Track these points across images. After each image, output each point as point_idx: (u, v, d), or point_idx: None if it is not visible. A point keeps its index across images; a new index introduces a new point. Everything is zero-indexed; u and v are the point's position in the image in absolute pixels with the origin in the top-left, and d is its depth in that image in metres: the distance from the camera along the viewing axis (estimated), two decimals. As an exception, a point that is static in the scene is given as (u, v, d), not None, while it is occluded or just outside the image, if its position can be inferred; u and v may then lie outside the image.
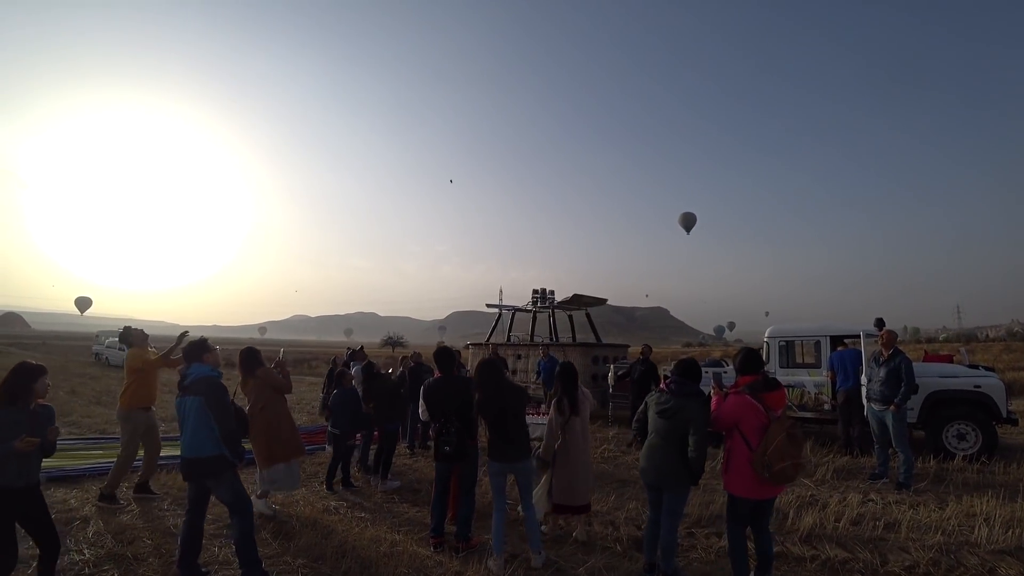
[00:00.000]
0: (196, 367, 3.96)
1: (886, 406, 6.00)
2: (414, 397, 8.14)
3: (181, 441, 3.88)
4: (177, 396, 3.94)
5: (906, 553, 4.15)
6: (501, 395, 4.17)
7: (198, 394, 3.81)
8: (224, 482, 3.83)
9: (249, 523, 3.82)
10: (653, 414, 3.75)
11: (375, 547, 4.27)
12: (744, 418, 3.48)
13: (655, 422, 3.73)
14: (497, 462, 4.14)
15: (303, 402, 14.05)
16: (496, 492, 4.18)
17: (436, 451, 4.37)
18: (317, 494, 5.87)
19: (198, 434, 3.76)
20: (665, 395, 3.70)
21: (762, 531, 3.64)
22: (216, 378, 3.95)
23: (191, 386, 3.85)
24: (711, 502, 5.32)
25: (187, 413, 3.81)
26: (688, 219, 63.21)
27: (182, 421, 3.87)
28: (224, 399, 3.92)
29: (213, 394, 3.84)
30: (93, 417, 10.75)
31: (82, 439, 8.47)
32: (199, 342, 4.20)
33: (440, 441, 4.31)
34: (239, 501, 3.84)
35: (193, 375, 3.90)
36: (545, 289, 14.45)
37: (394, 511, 5.39)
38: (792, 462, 3.33)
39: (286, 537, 4.55)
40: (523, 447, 4.18)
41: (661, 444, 3.67)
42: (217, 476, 3.82)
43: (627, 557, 4.21)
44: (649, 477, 3.75)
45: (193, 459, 3.79)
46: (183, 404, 3.86)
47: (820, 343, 8.35)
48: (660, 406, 3.69)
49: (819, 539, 4.46)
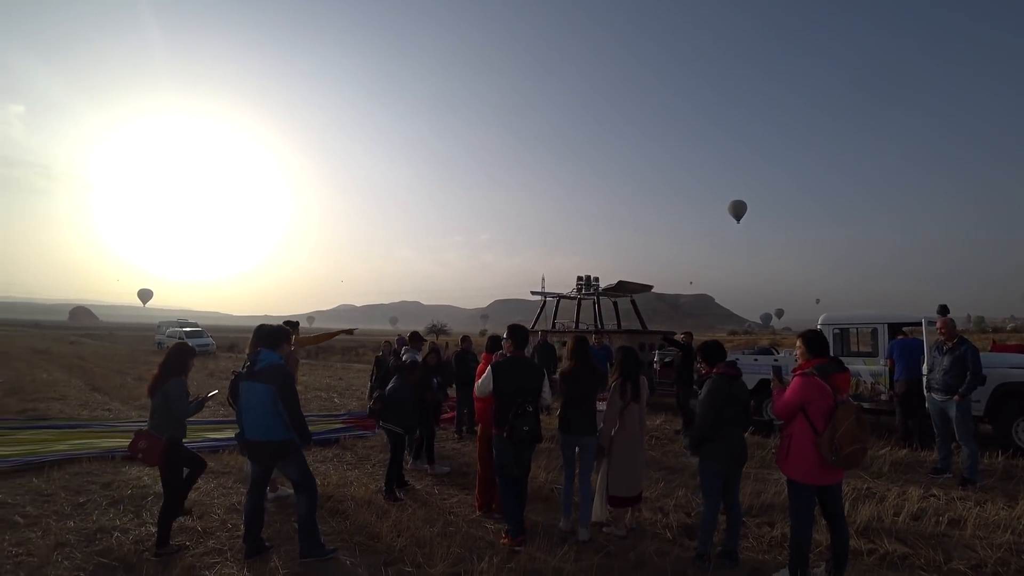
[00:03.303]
0: (267, 354, 4.01)
1: (949, 396, 5.74)
2: (460, 383, 8.29)
3: (242, 423, 3.96)
4: (240, 378, 4.00)
5: (972, 551, 3.99)
6: (591, 371, 4.47)
7: (269, 383, 3.85)
8: (292, 462, 4.00)
9: (314, 500, 3.99)
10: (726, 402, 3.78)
11: (428, 527, 4.42)
12: (812, 400, 3.39)
13: (726, 409, 3.77)
14: (567, 434, 4.46)
15: (352, 388, 14.50)
16: (566, 462, 4.55)
17: (512, 433, 4.07)
18: (370, 476, 6.07)
19: (267, 419, 3.86)
20: (724, 379, 3.81)
21: (837, 519, 3.54)
22: (285, 368, 4.02)
23: (260, 372, 3.90)
24: (762, 491, 5.25)
25: (252, 397, 3.88)
26: (738, 207, 61.81)
27: (243, 403, 3.93)
28: (294, 389, 4.00)
29: (285, 385, 3.90)
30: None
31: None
32: (284, 329, 4.26)
33: (519, 422, 4.07)
34: (306, 479, 4.01)
35: (264, 362, 3.94)
36: (589, 276, 14.37)
37: (444, 493, 5.54)
38: (860, 446, 3.26)
39: (343, 516, 4.75)
40: (592, 424, 4.44)
41: (739, 427, 3.85)
42: (286, 456, 3.98)
43: (677, 544, 4.21)
44: (739, 460, 3.85)
45: (264, 442, 3.90)
46: (247, 388, 3.92)
47: (877, 331, 8.03)
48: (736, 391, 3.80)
49: (876, 533, 4.33)
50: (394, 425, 5.46)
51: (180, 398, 4.14)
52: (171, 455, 4.13)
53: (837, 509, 3.54)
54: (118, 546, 4.02)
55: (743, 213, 61.81)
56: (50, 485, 5.43)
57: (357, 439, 7.92)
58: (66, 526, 4.39)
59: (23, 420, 8.78)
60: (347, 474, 6.12)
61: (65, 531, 4.29)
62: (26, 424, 8.38)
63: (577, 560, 3.85)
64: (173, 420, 4.11)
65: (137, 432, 4.15)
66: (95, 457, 6.39)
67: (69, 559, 3.83)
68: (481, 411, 4.85)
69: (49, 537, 4.14)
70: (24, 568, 3.70)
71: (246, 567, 3.74)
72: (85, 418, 9.24)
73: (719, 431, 3.76)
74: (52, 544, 4.02)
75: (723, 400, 3.76)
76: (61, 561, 3.79)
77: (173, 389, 4.11)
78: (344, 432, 8.25)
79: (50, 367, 18.25)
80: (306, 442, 4.07)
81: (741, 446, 3.86)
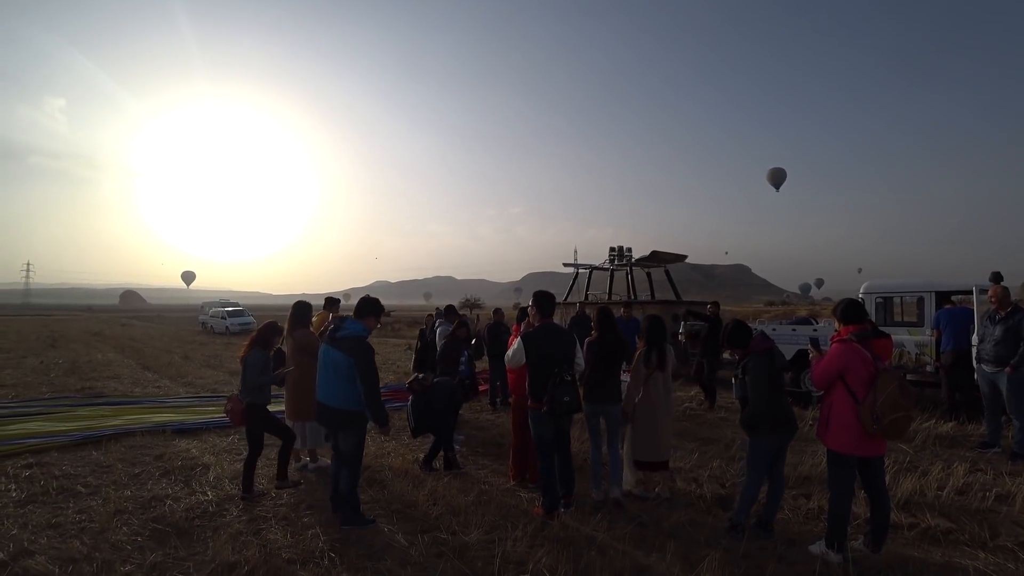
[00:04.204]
0: (353, 323, 4.04)
1: (1000, 368, 5.50)
2: (493, 355, 8.35)
3: (320, 386, 4.05)
4: (324, 342, 4.11)
5: (1021, 528, 3.86)
6: (615, 341, 4.50)
7: (350, 354, 3.88)
8: (354, 435, 4.07)
9: (357, 476, 4.12)
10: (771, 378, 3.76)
11: (463, 496, 4.52)
12: (851, 367, 3.27)
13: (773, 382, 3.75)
14: (592, 403, 4.48)
15: (388, 362, 14.88)
16: (592, 431, 4.60)
17: (553, 405, 3.92)
18: (407, 447, 6.22)
19: (341, 387, 3.94)
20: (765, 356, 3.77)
21: (879, 492, 3.43)
22: (366, 340, 4.02)
23: (343, 341, 3.93)
24: (798, 463, 5.17)
25: (332, 365, 3.95)
26: (777, 175, 59.97)
27: (321, 365, 4.04)
28: (373, 364, 3.98)
29: (364, 359, 3.91)
30: (205, 379, 11.85)
31: (198, 397, 9.44)
32: (375, 303, 4.30)
33: (559, 393, 3.92)
34: (356, 456, 4.09)
35: (348, 330, 3.98)
36: (623, 247, 14.14)
37: (478, 464, 5.64)
38: (904, 413, 3.12)
39: (380, 486, 4.89)
40: (617, 392, 4.51)
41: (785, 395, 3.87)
42: (350, 428, 4.05)
43: (711, 514, 4.21)
44: (791, 430, 3.79)
45: (337, 409, 3.97)
46: (326, 352, 4.00)
47: (924, 299, 7.71)
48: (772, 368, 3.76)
49: (919, 507, 4.22)
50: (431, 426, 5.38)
51: (254, 368, 4.56)
52: (252, 417, 4.57)
53: (879, 483, 3.43)
54: (171, 513, 4.24)
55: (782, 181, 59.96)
56: (108, 457, 5.75)
57: (393, 412, 8.10)
58: (123, 495, 4.65)
59: (82, 397, 9.29)
60: (385, 445, 6.29)
61: (123, 499, 4.54)
62: (85, 401, 8.85)
63: (610, 529, 3.89)
64: (249, 387, 4.54)
65: (229, 396, 4.79)
66: (148, 431, 6.72)
67: (127, 525, 4.05)
68: (514, 382, 4.88)
69: (109, 505, 4.38)
70: (87, 533, 3.93)
71: (290, 532, 3.90)
72: (138, 395, 9.71)
73: (772, 407, 3.72)
74: (112, 511, 4.26)
75: (769, 376, 3.72)
76: (120, 527, 4.01)
77: (251, 359, 4.59)
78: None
79: (104, 348, 19.18)
80: (382, 424, 4.03)
81: (791, 417, 3.80)
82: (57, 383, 10.91)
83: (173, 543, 3.76)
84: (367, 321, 4.15)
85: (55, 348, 18.88)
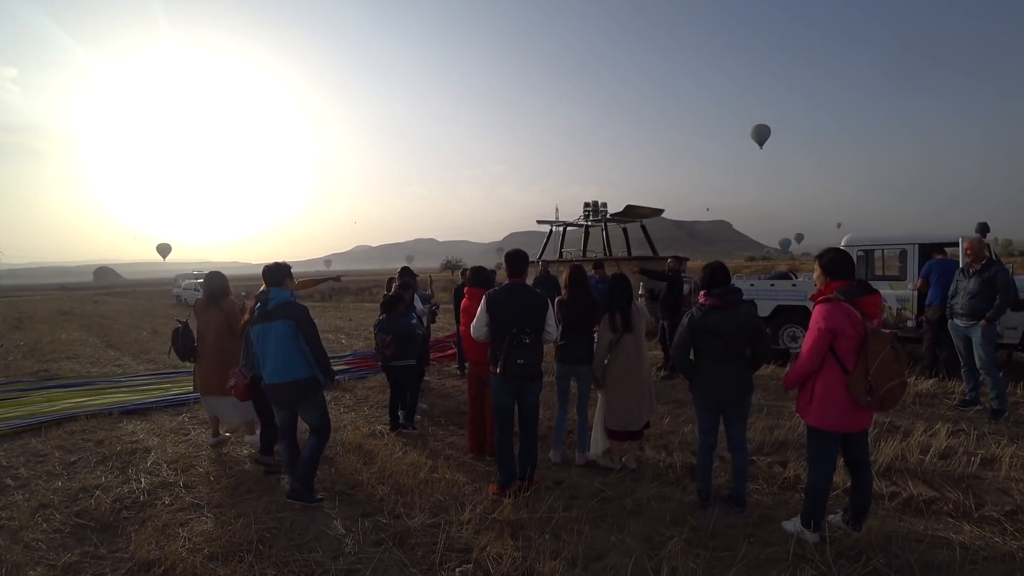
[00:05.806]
0: (277, 291, 3.91)
1: (974, 322, 5.27)
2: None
3: (262, 368, 3.88)
4: (252, 323, 3.90)
5: (1007, 496, 3.59)
6: (586, 301, 4.26)
7: (288, 318, 3.77)
8: (315, 405, 3.93)
9: (324, 442, 3.98)
10: (705, 335, 3.39)
11: (413, 473, 4.20)
12: (840, 331, 2.79)
13: (712, 342, 3.37)
14: (563, 364, 4.32)
15: (360, 328, 14.54)
16: (560, 393, 4.45)
17: (505, 367, 3.62)
18: (365, 419, 5.90)
19: (289, 357, 3.77)
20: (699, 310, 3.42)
21: (862, 466, 3.06)
22: (299, 303, 3.91)
23: (275, 311, 3.80)
24: (775, 427, 4.92)
25: (269, 338, 3.78)
26: (761, 132, 59.69)
27: (261, 348, 3.84)
28: (313, 323, 3.89)
29: (304, 317, 3.82)
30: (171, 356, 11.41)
31: (156, 375, 8.99)
32: (283, 265, 4.09)
33: (512, 354, 3.61)
34: (324, 424, 3.98)
35: (276, 300, 3.85)
36: (597, 202, 13.66)
37: (436, 435, 5.32)
38: (900, 380, 2.76)
39: (327, 462, 4.55)
40: (589, 353, 4.28)
41: (733, 361, 3.39)
42: (310, 398, 3.89)
43: (680, 487, 3.92)
44: (728, 395, 3.42)
45: (286, 383, 3.79)
46: (263, 330, 3.81)
47: (907, 252, 7.41)
48: (714, 323, 3.33)
49: (900, 473, 3.96)
50: (406, 359, 5.37)
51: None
52: (256, 391, 4.31)
53: (862, 456, 3.07)
54: (96, 506, 3.90)
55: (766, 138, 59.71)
56: (46, 445, 5.36)
57: (358, 381, 7.80)
58: (53, 487, 4.30)
59: (34, 381, 8.81)
60: (342, 417, 5.96)
61: (50, 492, 4.19)
62: (37, 385, 8.39)
63: (567, 509, 3.57)
64: (251, 361, 4.26)
65: (231, 371, 4.43)
66: (93, 414, 6.33)
67: (48, 521, 3.72)
68: (470, 348, 4.46)
69: (34, 499, 4.04)
70: (5, 532, 3.60)
71: (221, 522, 3.57)
72: (94, 375, 9.25)
73: (698, 365, 3.47)
74: (35, 506, 3.92)
75: (694, 333, 3.41)
76: (40, 523, 3.68)
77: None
78: (345, 374, 8.13)
79: (71, 327, 18.53)
80: (330, 379, 3.98)
81: (722, 383, 3.41)
82: (13, 367, 10.34)
83: (93, 540, 3.43)
84: (285, 285, 4.02)
85: (19, 330, 18.12)
